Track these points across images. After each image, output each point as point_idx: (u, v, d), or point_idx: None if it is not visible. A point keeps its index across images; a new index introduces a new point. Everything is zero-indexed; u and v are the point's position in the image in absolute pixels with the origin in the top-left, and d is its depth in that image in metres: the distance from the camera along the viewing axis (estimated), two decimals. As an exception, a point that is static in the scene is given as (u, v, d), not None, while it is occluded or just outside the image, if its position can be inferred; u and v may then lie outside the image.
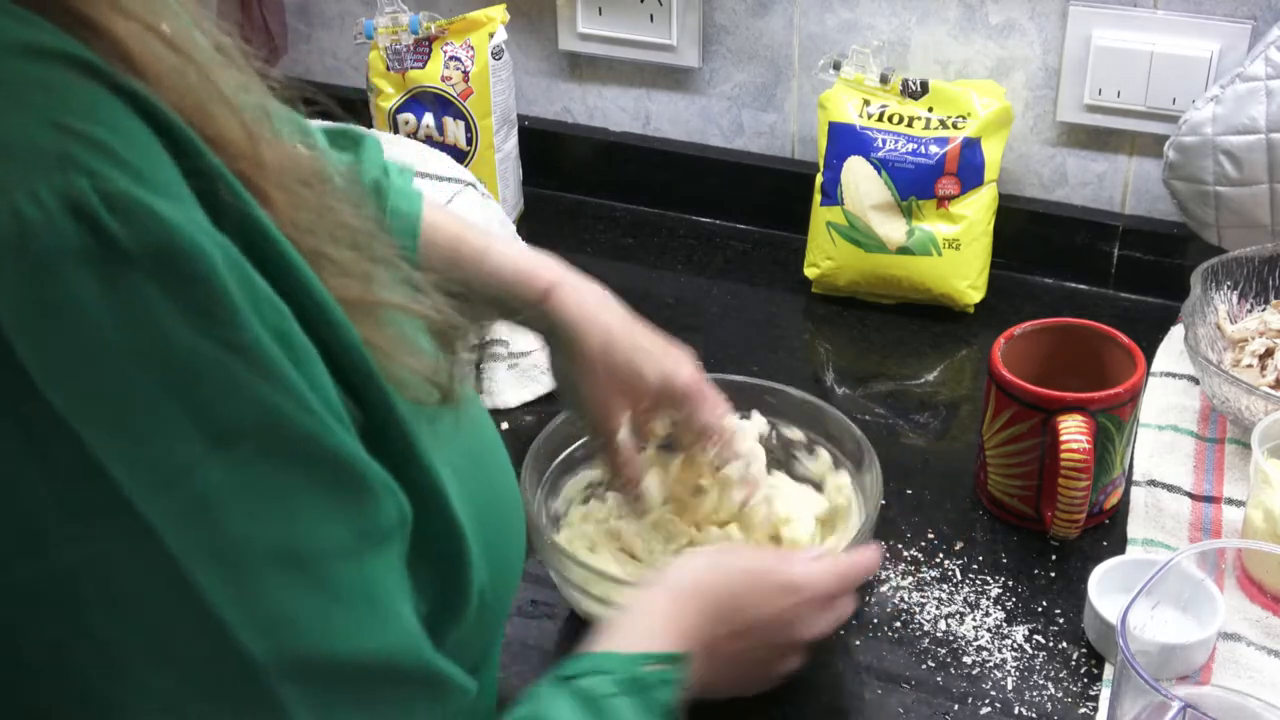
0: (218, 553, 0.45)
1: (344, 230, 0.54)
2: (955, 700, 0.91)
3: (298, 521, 0.47)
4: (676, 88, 1.48)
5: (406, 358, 0.54)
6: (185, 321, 0.44)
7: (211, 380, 0.44)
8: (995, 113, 1.28)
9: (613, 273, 1.39)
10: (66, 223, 0.42)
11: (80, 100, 0.45)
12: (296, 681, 0.47)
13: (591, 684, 0.69)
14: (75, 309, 0.42)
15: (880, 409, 1.19)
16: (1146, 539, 1.02)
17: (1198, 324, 1.13)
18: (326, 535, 0.48)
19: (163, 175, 0.45)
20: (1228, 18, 1.24)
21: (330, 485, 0.48)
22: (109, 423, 0.43)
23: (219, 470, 0.45)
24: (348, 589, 0.49)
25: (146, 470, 0.44)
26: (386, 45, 1.39)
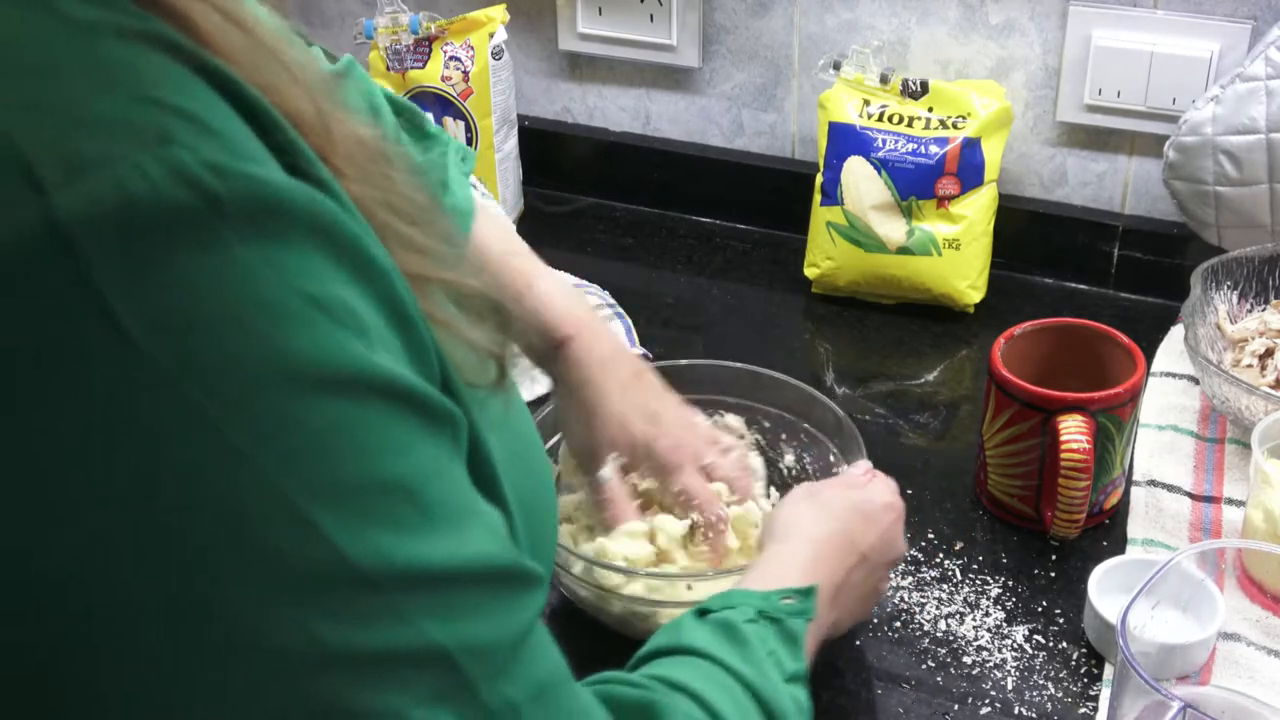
0: (325, 489, 0.47)
1: (408, 205, 0.56)
2: (955, 700, 0.91)
3: (387, 454, 0.49)
4: (676, 88, 1.48)
5: (466, 330, 0.56)
6: (274, 275, 0.46)
7: (300, 330, 0.47)
8: (995, 113, 1.28)
9: (613, 273, 1.39)
10: (173, 189, 0.44)
11: (170, 77, 0.46)
12: (415, 595, 0.49)
13: (728, 615, 0.73)
14: (179, 272, 0.44)
15: (880, 409, 1.19)
16: (1146, 539, 1.02)
17: (1198, 324, 1.13)
18: (412, 463, 0.50)
19: (249, 145, 0.47)
20: (1228, 18, 1.24)
21: (412, 418, 0.50)
22: (209, 371, 0.45)
23: (315, 412, 0.47)
24: (443, 505, 0.51)
25: (249, 416, 0.45)
26: (386, 45, 1.39)
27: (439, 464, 0.52)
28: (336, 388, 0.47)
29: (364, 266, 0.49)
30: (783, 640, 0.74)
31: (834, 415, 1.02)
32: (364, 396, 0.48)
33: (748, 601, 0.75)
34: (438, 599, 0.51)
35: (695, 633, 0.71)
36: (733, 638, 0.71)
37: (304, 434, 0.47)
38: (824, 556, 0.83)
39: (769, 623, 0.74)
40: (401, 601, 0.49)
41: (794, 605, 0.76)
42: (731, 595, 0.76)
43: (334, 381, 0.47)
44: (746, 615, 0.73)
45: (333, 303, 0.47)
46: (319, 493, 0.47)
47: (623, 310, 1.29)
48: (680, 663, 0.69)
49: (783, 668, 0.72)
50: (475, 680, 0.51)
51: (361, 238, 0.49)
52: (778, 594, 0.77)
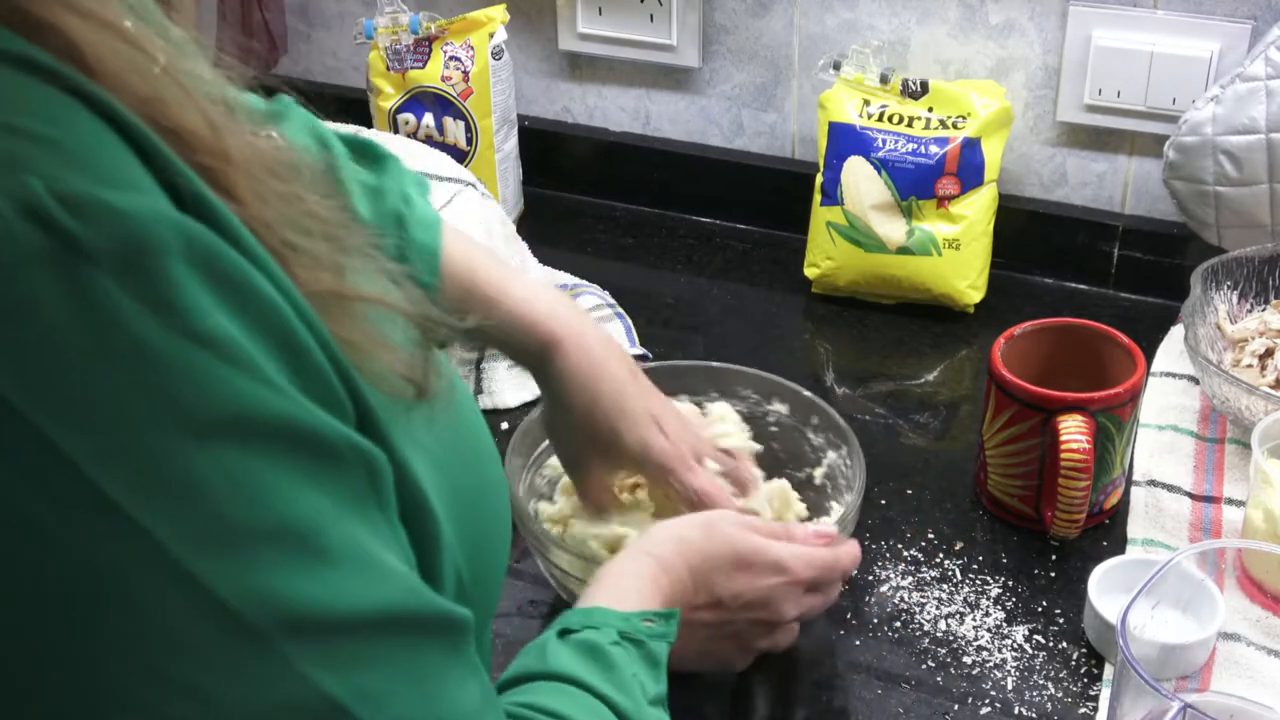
0: (206, 538, 0.45)
1: (315, 221, 0.53)
2: (955, 700, 0.91)
3: (280, 498, 0.47)
4: (676, 88, 1.48)
5: (380, 352, 0.54)
6: (150, 316, 0.44)
7: (182, 373, 0.44)
8: (995, 113, 1.28)
9: (613, 273, 1.39)
10: (22, 225, 0.42)
11: (30, 100, 0.44)
12: (306, 643, 0.48)
13: (593, 636, 0.72)
14: (37, 312, 0.42)
15: (880, 409, 1.19)
16: (1146, 539, 1.02)
17: (1198, 324, 1.13)
18: (308, 506, 0.48)
19: (121, 169, 0.45)
20: (1228, 18, 1.24)
21: (307, 459, 0.48)
22: (82, 424, 0.43)
23: (198, 459, 0.45)
24: (337, 552, 0.49)
25: (126, 468, 0.44)
26: (386, 45, 1.39)
27: (339, 507, 0.50)
28: (215, 431, 0.45)
29: (246, 297, 0.47)
30: (645, 663, 0.73)
31: (833, 420, 1.01)
32: (249, 440, 0.46)
33: (609, 622, 0.73)
34: (332, 647, 0.49)
35: (562, 656, 0.70)
36: (599, 661, 0.70)
37: (180, 481, 0.44)
38: (673, 586, 0.81)
39: (631, 645, 0.73)
40: (291, 652, 0.47)
41: (655, 628, 0.75)
42: (593, 614, 0.74)
43: (212, 424, 0.45)
44: (610, 637, 0.72)
45: (214, 337, 0.45)
46: (196, 541, 0.45)
47: (623, 310, 1.29)
48: (551, 690, 0.68)
49: (645, 691, 0.71)
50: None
51: (241, 267, 0.47)
52: (638, 615, 0.75)
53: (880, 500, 1.08)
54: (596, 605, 0.76)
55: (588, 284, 1.32)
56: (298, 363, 0.49)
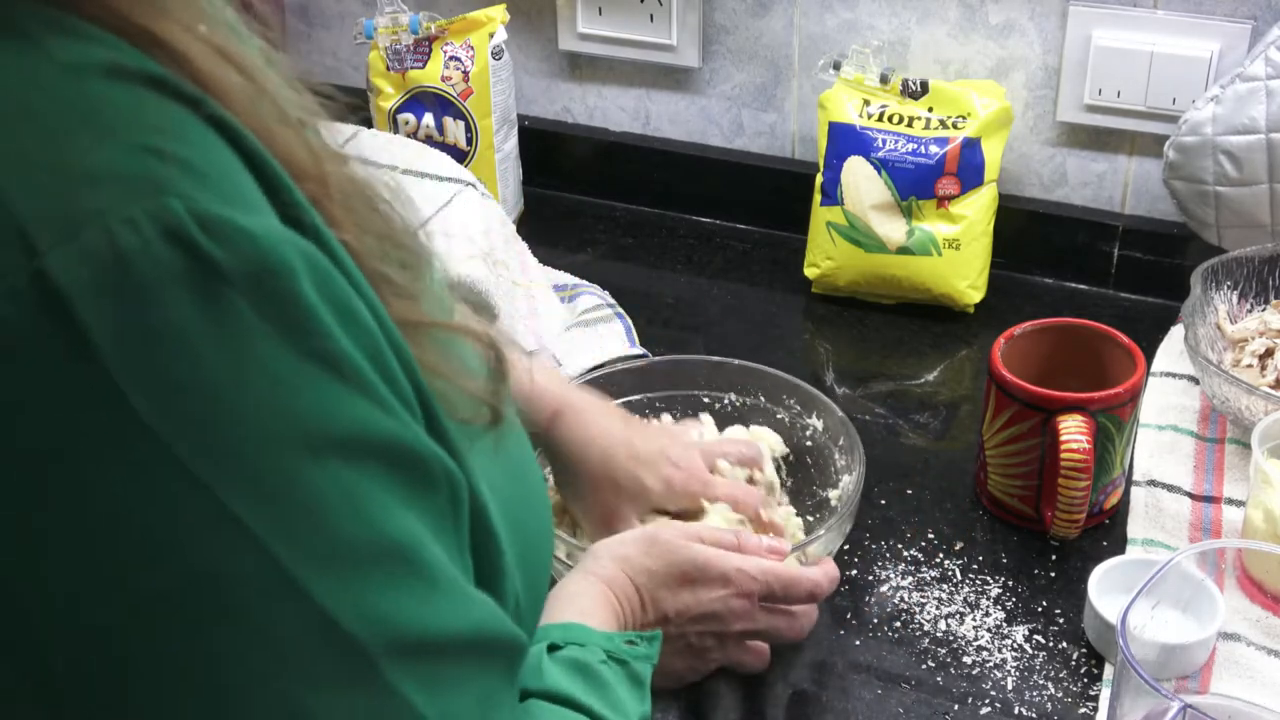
0: (322, 555, 0.47)
1: (398, 250, 0.55)
2: (955, 700, 0.90)
3: (389, 518, 0.49)
4: (676, 88, 1.48)
5: (459, 378, 0.55)
6: (281, 337, 0.45)
7: (307, 392, 0.46)
8: (995, 113, 1.28)
9: (613, 273, 1.39)
10: (164, 248, 0.43)
11: (164, 121, 0.45)
12: (405, 663, 0.49)
13: (580, 654, 0.72)
14: (177, 333, 0.43)
15: (880, 409, 1.19)
16: (1146, 539, 1.02)
17: (1198, 324, 1.13)
18: (412, 527, 0.50)
19: (248, 193, 0.46)
20: (1228, 18, 1.24)
21: (411, 481, 0.50)
22: (211, 442, 0.44)
23: (318, 477, 0.46)
24: (435, 573, 0.51)
25: (250, 484, 0.45)
26: (386, 45, 1.39)
27: (437, 528, 0.51)
28: (335, 450, 0.47)
29: (353, 321, 0.48)
30: (631, 683, 0.73)
31: (835, 415, 1.02)
32: (362, 459, 0.48)
33: (593, 640, 0.74)
34: (427, 668, 0.50)
35: (555, 674, 0.70)
36: (592, 680, 0.71)
37: (300, 498, 0.46)
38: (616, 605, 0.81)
39: (617, 664, 0.73)
40: (390, 670, 0.48)
41: (638, 650, 0.75)
42: (573, 631, 0.74)
43: (332, 443, 0.47)
44: (598, 656, 0.73)
45: (336, 357, 0.47)
46: (312, 558, 0.46)
47: (623, 310, 1.29)
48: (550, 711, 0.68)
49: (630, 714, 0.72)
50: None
51: (349, 293, 0.48)
52: (620, 636, 0.76)
53: (880, 500, 1.08)
54: (571, 622, 0.76)
55: (588, 284, 1.32)
56: (391, 388, 0.50)
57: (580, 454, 0.94)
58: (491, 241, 1.21)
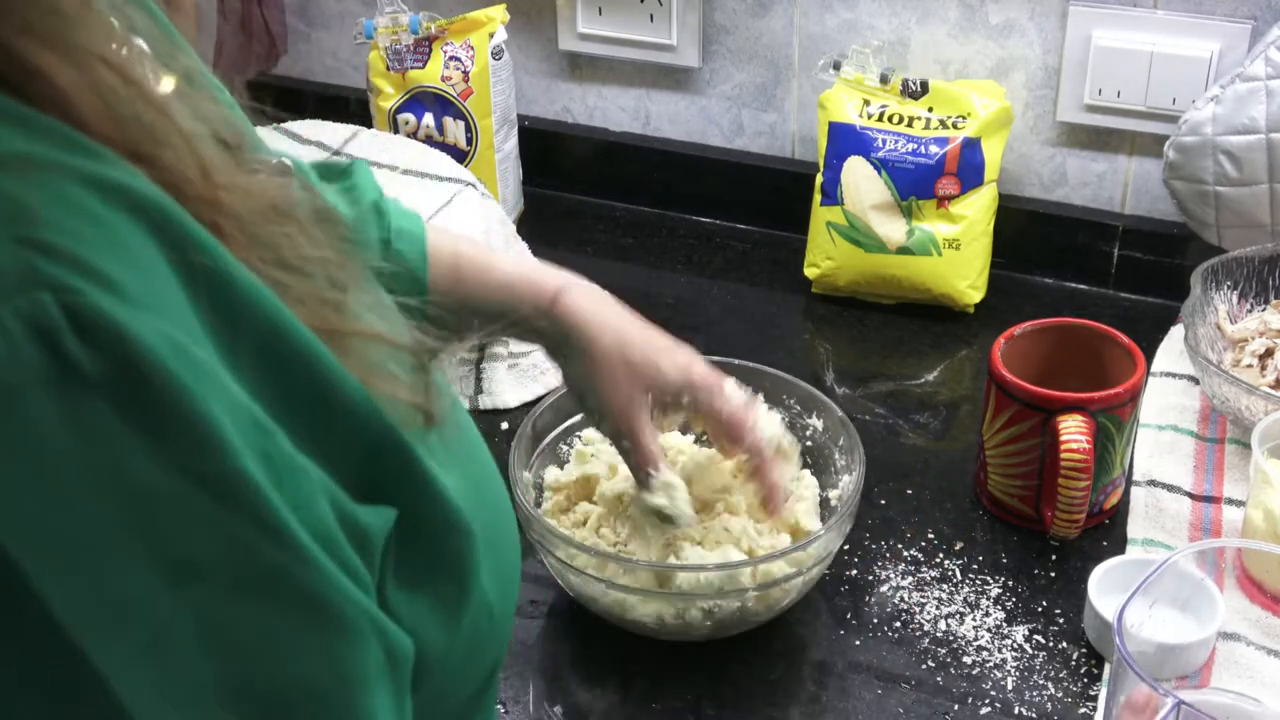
0: (170, 695, 0.43)
1: (312, 262, 0.52)
2: (955, 700, 0.91)
3: (261, 660, 0.45)
4: (676, 88, 1.48)
5: (384, 385, 0.52)
6: (147, 450, 0.42)
7: (171, 512, 0.43)
8: (995, 113, 1.28)
9: (613, 273, 1.39)
10: (30, 349, 0.40)
11: (37, 203, 0.42)
12: None
13: None
14: (33, 438, 0.41)
15: (880, 409, 1.19)
16: (1146, 539, 1.02)
17: (1198, 324, 1.13)
18: (294, 675, 0.46)
19: (137, 272, 0.43)
20: (1228, 18, 1.24)
21: (301, 622, 0.46)
22: (60, 559, 0.41)
23: (175, 607, 0.43)
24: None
25: (96, 608, 0.42)
26: (386, 45, 1.39)
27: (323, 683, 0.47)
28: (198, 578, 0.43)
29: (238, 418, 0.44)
30: None
31: (835, 415, 1.02)
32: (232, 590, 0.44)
33: None
34: None
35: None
36: None
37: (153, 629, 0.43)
38: None
39: None
40: None
41: None
42: None
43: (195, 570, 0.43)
44: None
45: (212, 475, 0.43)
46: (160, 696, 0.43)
47: (623, 310, 1.29)
48: None
49: None
50: None
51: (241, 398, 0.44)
52: None
53: (880, 500, 1.08)
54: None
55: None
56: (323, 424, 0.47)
57: (592, 330, 0.88)
58: (491, 241, 1.21)
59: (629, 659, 0.95)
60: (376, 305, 0.56)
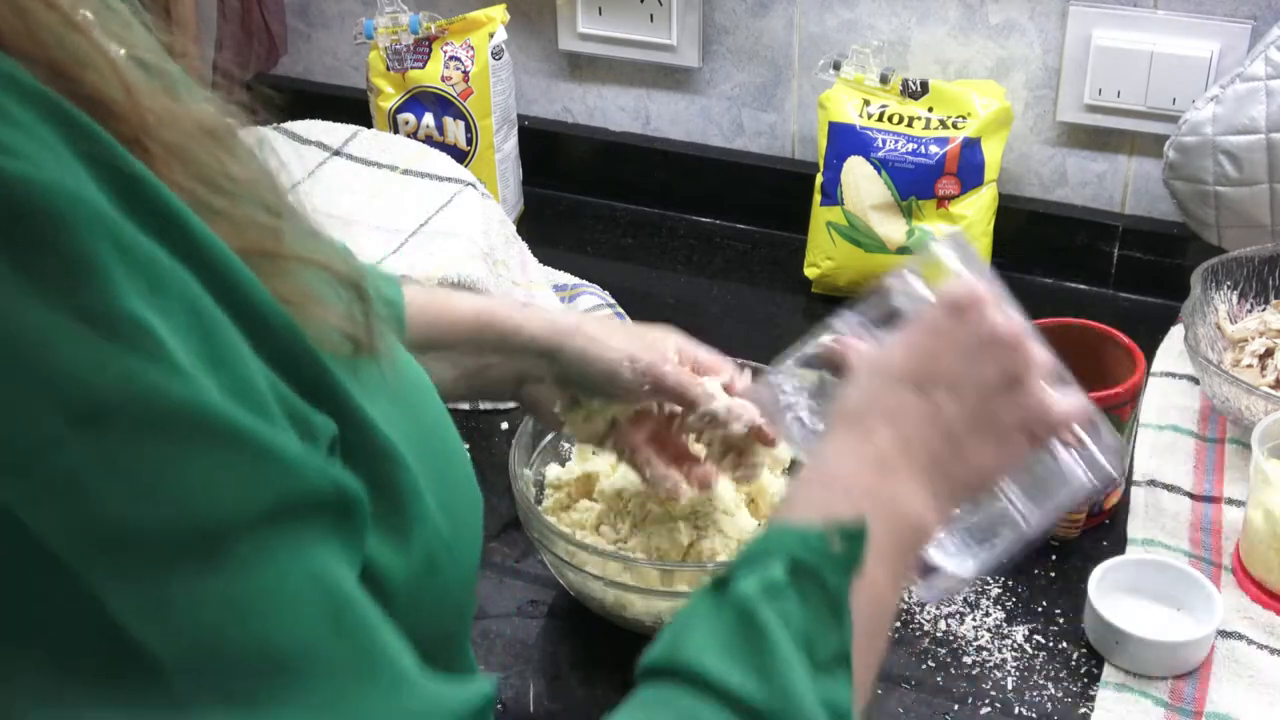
0: (91, 535, 0.42)
1: (241, 185, 0.52)
2: (955, 700, 0.91)
3: (182, 498, 0.43)
4: (676, 88, 1.48)
5: (316, 309, 0.52)
6: (34, 289, 0.41)
7: (65, 352, 0.41)
8: (995, 113, 1.28)
9: (613, 273, 1.39)
10: None
11: None
12: (201, 675, 0.43)
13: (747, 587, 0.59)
14: None
15: (880, 409, 1.19)
16: (1146, 539, 1.02)
17: (1198, 324, 1.13)
18: (220, 510, 0.44)
19: (23, 135, 0.43)
20: (1228, 18, 1.24)
21: (222, 457, 0.44)
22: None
23: (83, 447, 0.42)
24: (253, 569, 0.45)
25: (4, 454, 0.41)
26: (386, 45, 1.39)
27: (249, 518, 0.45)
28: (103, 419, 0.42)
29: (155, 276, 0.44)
30: (821, 609, 0.59)
31: None
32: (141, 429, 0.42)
33: (782, 549, 0.60)
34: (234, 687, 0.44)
35: (698, 637, 0.58)
36: (748, 634, 0.57)
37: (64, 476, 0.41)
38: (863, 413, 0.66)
39: (806, 582, 0.59)
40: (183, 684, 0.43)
41: (839, 554, 0.60)
42: (768, 542, 0.61)
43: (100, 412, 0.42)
44: (772, 586, 0.58)
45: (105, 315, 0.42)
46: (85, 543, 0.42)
47: (623, 310, 1.29)
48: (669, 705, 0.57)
49: (815, 653, 0.58)
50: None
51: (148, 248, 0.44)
52: (822, 536, 0.60)
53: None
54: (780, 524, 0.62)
55: (588, 284, 1.32)
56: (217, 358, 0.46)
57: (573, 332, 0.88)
58: (491, 241, 1.21)
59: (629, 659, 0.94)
60: (310, 233, 0.56)
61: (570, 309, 1.27)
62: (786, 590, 0.59)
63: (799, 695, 0.56)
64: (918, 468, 0.65)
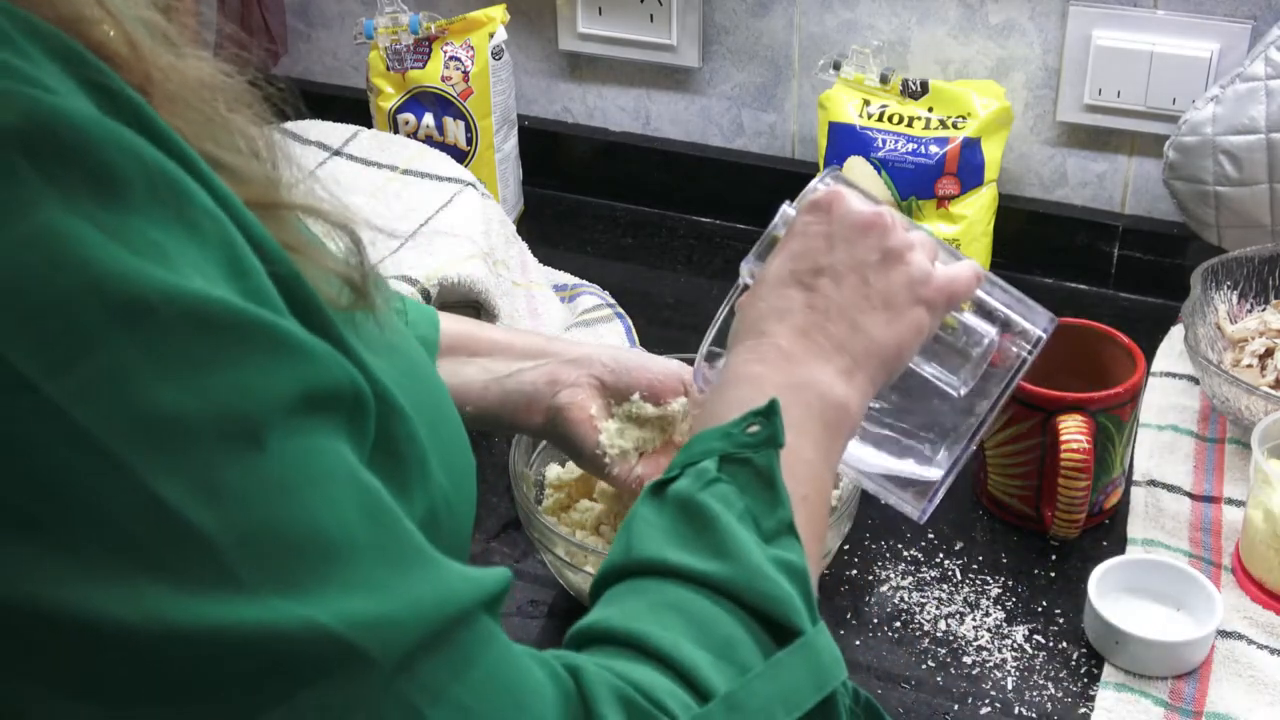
0: (138, 423, 0.43)
1: (243, 137, 0.54)
2: (955, 700, 0.91)
3: (221, 386, 0.45)
4: (676, 88, 1.48)
5: (315, 254, 0.53)
6: (64, 202, 0.43)
7: (97, 259, 0.43)
8: (995, 113, 1.28)
9: (613, 273, 1.39)
10: None
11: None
12: (256, 557, 0.45)
13: (685, 482, 0.63)
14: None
15: (880, 409, 1.19)
16: (1146, 539, 1.02)
17: (1198, 324, 1.13)
18: (257, 398, 0.46)
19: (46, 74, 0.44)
20: (1228, 18, 1.24)
21: (253, 348, 0.46)
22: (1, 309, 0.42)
23: (122, 341, 0.43)
24: (292, 455, 0.47)
25: (41, 349, 0.42)
26: (386, 45, 1.39)
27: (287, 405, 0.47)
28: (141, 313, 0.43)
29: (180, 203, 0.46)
30: (755, 486, 0.63)
31: None
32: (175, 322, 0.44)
33: (708, 449, 0.64)
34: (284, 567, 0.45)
35: (651, 534, 0.62)
36: (693, 522, 0.61)
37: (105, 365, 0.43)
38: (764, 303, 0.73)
39: (734, 471, 0.63)
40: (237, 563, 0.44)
41: (758, 433, 0.64)
42: (692, 446, 0.65)
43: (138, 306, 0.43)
44: (705, 477, 0.63)
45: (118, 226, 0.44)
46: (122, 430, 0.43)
47: (623, 310, 1.29)
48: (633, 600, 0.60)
49: (760, 527, 0.62)
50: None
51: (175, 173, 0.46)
52: (739, 424, 0.65)
53: (880, 500, 1.08)
54: (703, 430, 0.67)
55: (587, 284, 1.32)
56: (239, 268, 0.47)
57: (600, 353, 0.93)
58: (491, 241, 1.21)
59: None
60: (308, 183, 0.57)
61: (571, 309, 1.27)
62: (720, 479, 0.63)
63: (755, 563, 0.60)
64: (819, 350, 0.71)
